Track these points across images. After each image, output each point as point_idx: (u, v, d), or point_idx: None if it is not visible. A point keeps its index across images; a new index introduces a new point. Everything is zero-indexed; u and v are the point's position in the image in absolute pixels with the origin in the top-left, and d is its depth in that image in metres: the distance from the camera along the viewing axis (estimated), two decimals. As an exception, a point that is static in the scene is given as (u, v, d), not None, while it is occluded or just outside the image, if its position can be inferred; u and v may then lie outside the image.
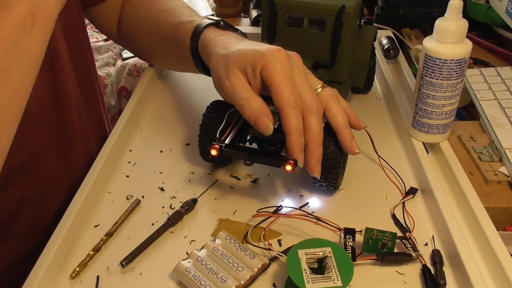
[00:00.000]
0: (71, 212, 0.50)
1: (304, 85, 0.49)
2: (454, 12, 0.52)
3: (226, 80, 0.50)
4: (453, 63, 0.53)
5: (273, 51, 0.49)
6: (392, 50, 0.78)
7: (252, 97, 0.48)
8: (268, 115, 0.47)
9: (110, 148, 0.59)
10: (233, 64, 0.50)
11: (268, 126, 0.47)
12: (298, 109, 0.47)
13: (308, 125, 0.48)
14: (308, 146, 0.48)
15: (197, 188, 0.56)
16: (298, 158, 0.47)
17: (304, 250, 0.43)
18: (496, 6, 0.79)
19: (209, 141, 0.54)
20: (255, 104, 0.47)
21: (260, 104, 0.48)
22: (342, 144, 0.50)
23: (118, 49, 1.74)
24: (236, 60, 0.50)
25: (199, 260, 0.45)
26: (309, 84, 0.50)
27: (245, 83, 0.49)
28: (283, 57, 0.49)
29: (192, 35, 0.59)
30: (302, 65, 0.51)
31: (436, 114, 0.57)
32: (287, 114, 0.47)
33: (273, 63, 0.48)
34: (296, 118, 0.47)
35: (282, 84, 0.47)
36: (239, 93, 0.48)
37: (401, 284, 0.45)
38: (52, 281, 0.45)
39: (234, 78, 0.49)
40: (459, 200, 0.53)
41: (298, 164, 0.47)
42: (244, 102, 0.48)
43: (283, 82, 0.47)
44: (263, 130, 0.47)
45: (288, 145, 0.48)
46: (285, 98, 0.47)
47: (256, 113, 0.47)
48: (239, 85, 0.49)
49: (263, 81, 0.49)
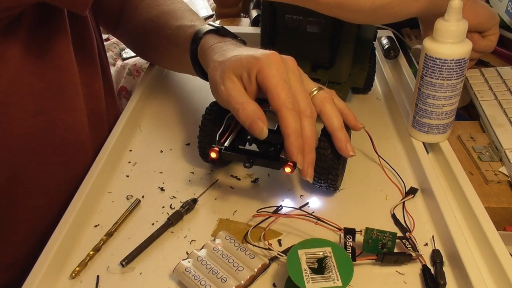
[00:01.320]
0: (71, 212, 0.50)
1: (298, 88, 0.49)
2: (454, 12, 0.52)
3: (222, 85, 0.50)
4: (453, 63, 0.53)
5: (267, 55, 0.49)
6: (392, 50, 0.78)
7: (246, 101, 0.48)
8: (263, 119, 0.48)
9: (110, 148, 0.59)
10: (229, 70, 0.50)
11: (262, 130, 0.47)
12: (295, 111, 0.48)
13: (301, 128, 0.48)
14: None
15: (197, 188, 0.56)
16: (297, 159, 0.47)
17: (304, 250, 0.43)
18: (496, 6, 0.79)
19: (208, 143, 0.54)
20: (249, 108, 0.48)
21: (255, 108, 0.48)
22: (337, 146, 0.50)
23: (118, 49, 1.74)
24: (232, 66, 0.50)
25: (199, 260, 0.45)
26: (303, 88, 0.50)
27: (240, 88, 0.50)
28: (277, 61, 0.49)
29: (192, 40, 0.60)
30: (297, 68, 0.51)
31: (436, 114, 0.57)
32: (285, 116, 0.47)
33: (268, 67, 0.48)
34: (294, 120, 0.47)
35: (278, 87, 0.48)
36: (234, 98, 0.49)
37: (401, 284, 0.45)
38: (52, 281, 0.45)
39: (230, 83, 0.50)
40: (459, 200, 0.53)
41: (298, 165, 0.47)
42: (239, 106, 0.48)
43: (279, 85, 0.48)
44: (258, 134, 0.48)
45: (286, 147, 0.48)
46: (282, 100, 0.47)
47: (251, 117, 0.47)
48: (234, 90, 0.49)
49: (258, 86, 0.49)
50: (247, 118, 0.48)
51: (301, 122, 0.48)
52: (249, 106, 0.48)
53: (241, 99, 0.49)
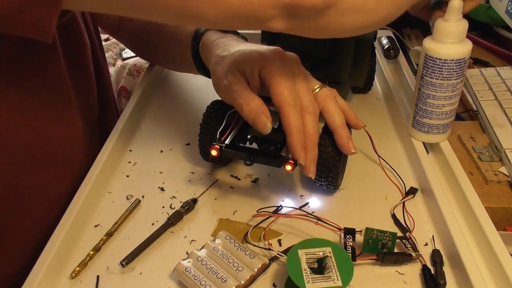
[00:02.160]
0: (71, 212, 0.50)
1: (301, 85, 0.49)
2: (454, 12, 0.52)
3: (225, 80, 0.50)
4: (453, 63, 0.53)
5: (272, 51, 0.49)
6: (392, 50, 0.78)
7: (250, 96, 0.48)
8: (267, 114, 0.47)
9: (110, 148, 0.59)
10: (232, 65, 0.50)
11: (266, 125, 0.47)
12: (297, 108, 0.48)
13: (304, 125, 0.48)
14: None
15: (197, 188, 0.56)
16: (300, 156, 0.47)
17: (304, 250, 0.43)
18: (496, 6, 0.79)
19: (209, 141, 0.54)
20: (253, 103, 0.48)
21: (259, 103, 0.48)
22: (338, 143, 0.50)
23: (118, 49, 1.74)
24: (235, 61, 0.50)
25: (199, 260, 0.45)
26: (306, 85, 0.50)
27: (243, 83, 0.49)
28: (281, 57, 0.49)
29: (193, 37, 0.60)
30: (300, 66, 0.51)
31: (436, 114, 0.56)
32: (287, 113, 0.47)
33: (272, 63, 0.48)
34: (296, 117, 0.47)
35: (281, 84, 0.47)
36: (237, 93, 0.48)
37: (401, 284, 0.45)
38: (52, 281, 0.45)
39: (233, 78, 0.49)
40: (459, 200, 0.53)
41: (300, 161, 0.47)
42: (243, 101, 0.48)
43: (282, 82, 0.47)
44: (261, 129, 0.47)
45: (289, 144, 0.48)
46: (285, 97, 0.47)
47: (254, 112, 0.47)
48: (238, 85, 0.49)
49: (261, 82, 0.49)
50: (251, 113, 0.47)
51: (304, 119, 0.48)
52: (253, 101, 0.48)
53: (245, 94, 0.48)
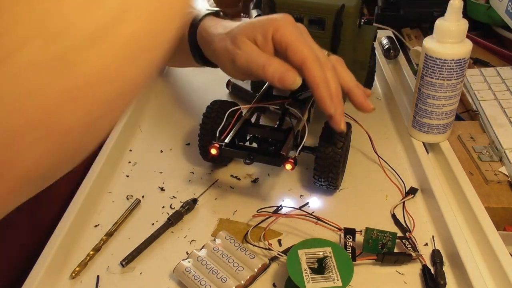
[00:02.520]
0: (71, 212, 0.50)
1: (315, 45, 0.50)
2: (454, 12, 0.52)
3: (238, 49, 0.49)
4: (453, 63, 0.53)
5: (283, 15, 0.50)
6: (392, 50, 0.78)
7: (270, 57, 0.48)
8: (292, 69, 0.47)
9: (110, 148, 0.59)
10: (241, 35, 0.50)
11: (295, 79, 0.46)
12: (319, 62, 0.47)
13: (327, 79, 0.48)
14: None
15: (197, 188, 0.56)
16: (331, 108, 0.47)
17: (304, 250, 0.43)
18: (496, 6, 0.79)
19: (209, 141, 0.54)
20: (276, 62, 0.47)
21: (281, 62, 0.47)
22: (357, 102, 0.51)
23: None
24: (244, 31, 0.50)
25: (199, 260, 0.45)
26: (318, 46, 0.50)
27: (257, 49, 0.49)
28: (293, 20, 0.49)
29: (190, 25, 0.59)
30: (308, 33, 0.51)
31: (436, 114, 0.56)
32: (311, 67, 0.47)
33: (285, 25, 0.48)
34: (320, 70, 0.47)
35: (299, 42, 0.47)
36: (255, 58, 0.48)
37: (401, 284, 0.45)
38: (52, 281, 0.45)
39: (245, 46, 0.49)
40: (459, 200, 0.53)
41: (331, 113, 0.47)
42: (265, 63, 0.47)
43: (299, 40, 0.48)
44: (291, 84, 0.46)
45: (317, 98, 0.47)
46: (306, 53, 0.47)
47: (280, 70, 0.47)
48: (253, 50, 0.49)
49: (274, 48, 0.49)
50: (276, 71, 0.47)
51: (325, 74, 0.48)
52: (274, 61, 0.47)
53: (264, 56, 0.48)
